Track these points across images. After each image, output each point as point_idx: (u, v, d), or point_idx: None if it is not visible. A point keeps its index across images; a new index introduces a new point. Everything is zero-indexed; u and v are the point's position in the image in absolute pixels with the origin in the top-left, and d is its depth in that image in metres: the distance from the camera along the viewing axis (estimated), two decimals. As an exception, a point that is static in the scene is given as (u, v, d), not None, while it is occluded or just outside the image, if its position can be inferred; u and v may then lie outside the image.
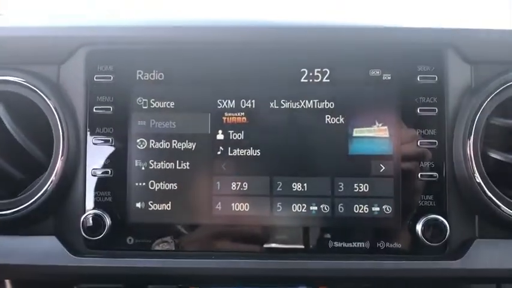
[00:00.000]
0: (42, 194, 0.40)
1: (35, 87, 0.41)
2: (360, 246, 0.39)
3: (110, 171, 0.40)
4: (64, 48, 0.41)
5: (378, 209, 0.39)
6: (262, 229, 0.40)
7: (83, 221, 0.39)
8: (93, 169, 0.40)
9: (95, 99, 0.40)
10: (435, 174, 0.39)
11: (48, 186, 0.39)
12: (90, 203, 0.40)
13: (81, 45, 0.41)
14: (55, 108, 0.40)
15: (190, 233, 0.40)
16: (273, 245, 0.39)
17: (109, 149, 0.40)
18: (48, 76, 0.41)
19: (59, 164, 0.40)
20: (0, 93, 0.41)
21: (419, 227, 0.38)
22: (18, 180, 0.41)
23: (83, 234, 0.38)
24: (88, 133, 0.40)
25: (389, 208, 0.39)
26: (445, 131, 0.39)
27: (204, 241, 0.40)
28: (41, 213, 0.40)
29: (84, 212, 0.39)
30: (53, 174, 0.40)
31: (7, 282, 0.46)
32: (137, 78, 0.41)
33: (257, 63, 0.41)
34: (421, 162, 0.39)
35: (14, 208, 0.40)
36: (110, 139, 0.40)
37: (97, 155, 0.40)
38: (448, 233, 0.37)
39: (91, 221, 0.38)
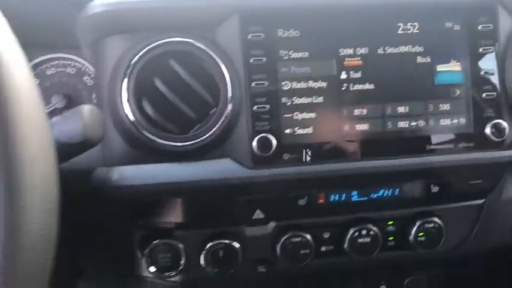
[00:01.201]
0: (214, 131, 0.52)
1: (200, 44, 0.52)
2: (444, 146, 0.56)
3: (266, 107, 0.53)
4: (220, 14, 0.53)
5: (456, 120, 0.56)
6: (376, 142, 0.55)
7: (253, 143, 0.52)
8: (255, 106, 0.53)
9: (249, 53, 0.53)
10: (494, 93, 0.57)
11: (219, 124, 0.52)
12: (254, 131, 0.53)
13: (234, 11, 0.52)
14: (220, 61, 0.52)
15: (326, 147, 0.55)
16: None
17: (264, 90, 0.53)
18: (208, 36, 0.53)
19: (229, 107, 0.52)
20: (173, 52, 0.53)
21: (488, 129, 0.56)
22: (190, 118, 0.53)
23: (256, 151, 0.51)
24: (248, 79, 0.53)
25: (464, 119, 0.56)
26: (499, 64, 0.56)
27: (335, 152, 0.54)
28: (213, 144, 0.52)
29: (253, 138, 0.52)
30: (223, 115, 0.52)
31: (178, 201, 0.57)
32: (278, 35, 0.54)
33: (368, 20, 0.55)
34: (484, 86, 0.56)
35: (187, 142, 0.52)
36: (264, 83, 0.53)
37: (255, 95, 0.53)
38: (507, 131, 0.55)
39: (260, 143, 0.51)
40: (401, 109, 0.55)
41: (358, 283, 0.71)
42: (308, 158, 0.54)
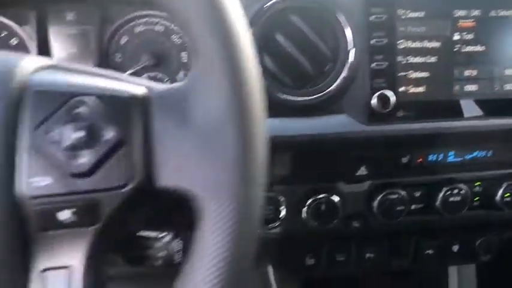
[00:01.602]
0: (335, 86, 0.53)
1: (323, 1, 0.53)
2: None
3: (383, 64, 0.54)
4: None
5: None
6: (484, 102, 0.57)
7: (372, 100, 0.53)
8: (373, 63, 0.54)
9: (370, 10, 0.54)
10: None
11: (339, 80, 0.53)
12: (373, 88, 0.54)
13: None
14: (342, 18, 0.53)
15: (436, 106, 0.56)
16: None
17: (381, 48, 0.54)
18: None
19: (348, 63, 0.53)
20: (295, 7, 0.53)
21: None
22: (307, 73, 0.54)
23: (374, 108, 0.53)
24: (367, 36, 0.54)
25: None
26: None
27: (444, 111, 0.56)
28: (331, 100, 0.54)
29: (372, 94, 0.53)
30: (343, 71, 0.53)
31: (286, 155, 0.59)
32: (397, -6, 0.55)
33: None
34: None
35: (307, 96, 0.54)
36: (383, 40, 0.54)
37: (374, 52, 0.54)
38: None
39: (379, 99, 0.53)
40: (509, 72, 0.57)
41: (433, 242, 0.74)
42: (419, 116, 0.56)
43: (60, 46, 0.70)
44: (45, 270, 0.28)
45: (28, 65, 0.29)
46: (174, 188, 0.29)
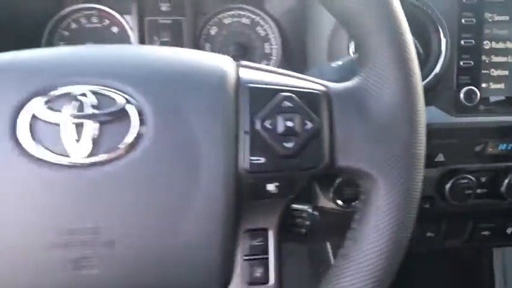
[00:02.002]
0: (428, 81, 0.60)
1: (418, 3, 0.59)
2: None
3: (469, 63, 0.60)
4: None
5: None
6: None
7: (460, 94, 0.60)
8: (461, 61, 0.60)
9: (462, 14, 0.59)
10: None
11: (432, 75, 0.60)
12: (460, 83, 0.60)
13: None
14: (436, 19, 0.59)
15: (513, 101, 0.63)
16: None
17: (469, 49, 0.61)
18: None
19: (440, 60, 0.59)
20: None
21: None
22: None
23: (462, 101, 0.59)
24: (458, 37, 0.60)
25: None
26: None
27: None
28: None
29: (460, 89, 0.60)
30: (436, 67, 0.60)
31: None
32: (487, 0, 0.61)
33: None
34: None
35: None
36: (471, 41, 0.60)
37: (462, 52, 0.60)
38: None
39: (467, 94, 0.59)
40: None
41: (490, 224, 0.81)
42: (498, 110, 0.62)
43: (154, 35, 0.77)
44: (247, 231, 0.35)
45: (231, 65, 0.35)
46: (350, 168, 0.35)
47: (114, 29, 0.76)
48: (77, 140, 0.31)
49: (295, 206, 0.43)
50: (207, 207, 0.32)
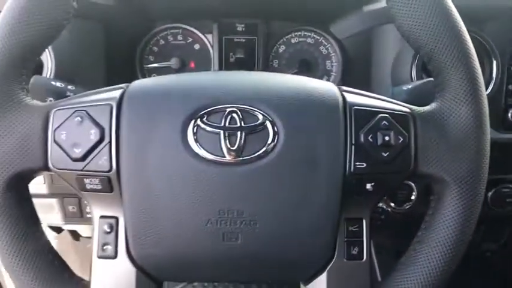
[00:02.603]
0: None
1: (476, 35, 0.68)
2: None
3: (515, 87, 0.69)
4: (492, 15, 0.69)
5: None
6: None
7: (508, 114, 0.69)
8: (510, 85, 0.69)
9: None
10: None
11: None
12: (507, 104, 0.69)
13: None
14: (490, 50, 0.68)
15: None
16: None
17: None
18: (477, 29, 0.69)
19: (491, 85, 0.69)
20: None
21: None
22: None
23: (510, 119, 0.68)
24: (508, 65, 0.69)
25: None
26: None
27: None
28: None
29: (508, 109, 0.69)
30: (487, 90, 0.69)
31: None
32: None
33: None
34: None
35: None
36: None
37: (510, 77, 0.69)
38: None
39: (513, 114, 0.69)
40: None
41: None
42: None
43: (230, 52, 0.88)
44: (347, 219, 0.45)
45: (337, 90, 0.46)
46: (428, 174, 0.45)
47: (196, 46, 0.88)
48: (231, 145, 0.42)
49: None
50: (322, 200, 0.43)
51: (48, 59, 0.63)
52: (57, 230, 1.04)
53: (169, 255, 0.43)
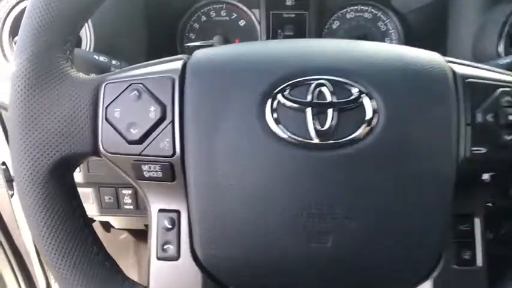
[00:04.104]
0: None
1: None
2: None
3: None
4: None
5: None
6: None
7: None
8: None
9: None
10: None
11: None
12: None
13: None
14: None
15: None
16: None
17: None
18: None
19: None
20: None
21: None
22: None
23: None
24: None
25: None
26: None
27: None
28: None
29: None
30: None
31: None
32: None
33: None
34: None
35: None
36: None
37: None
38: None
39: None
40: None
41: None
42: None
43: (279, 28, 0.80)
44: (455, 216, 0.37)
45: (443, 60, 0.37)
46: None
47: (241, 22, 0.80)
48: (320, 125, 0.34)
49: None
50: (431, 193, 0.35)
51: (86, 31, 0.56)
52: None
53: (242, 257, 0.36)
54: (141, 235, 1.08)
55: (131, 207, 0.69)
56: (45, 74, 0.35)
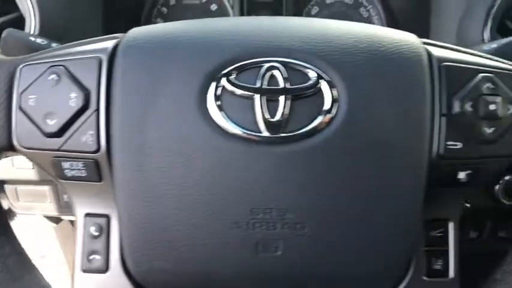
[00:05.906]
0: None
1: None
2: None
3: None
4: None
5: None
6: None
7: None
8: None
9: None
10: None
11: None
12: None
13: None
14: None
15: None
16: None
17: None
18: None
19: None
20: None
21: None
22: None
23: None
24: None
25: None
26: None
27: None
28: None
29: None
30: None
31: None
32: None
33: None
34: None
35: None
36: None
37: None
38: None
39: None
40: None
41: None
42: None
43: (253, 13, 0.74)
44: (427, 220, 0.33)
45: (418, 42, 0.33)
46: None
47: (213, 7, 0.74)
48: (270, 116, 0.29)
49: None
50: (399, 194, 0.30)
51: (30, 10, 0.51)
52: (56, 220, 0.94)
53: (181, 270, 0.31)
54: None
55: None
56: None
